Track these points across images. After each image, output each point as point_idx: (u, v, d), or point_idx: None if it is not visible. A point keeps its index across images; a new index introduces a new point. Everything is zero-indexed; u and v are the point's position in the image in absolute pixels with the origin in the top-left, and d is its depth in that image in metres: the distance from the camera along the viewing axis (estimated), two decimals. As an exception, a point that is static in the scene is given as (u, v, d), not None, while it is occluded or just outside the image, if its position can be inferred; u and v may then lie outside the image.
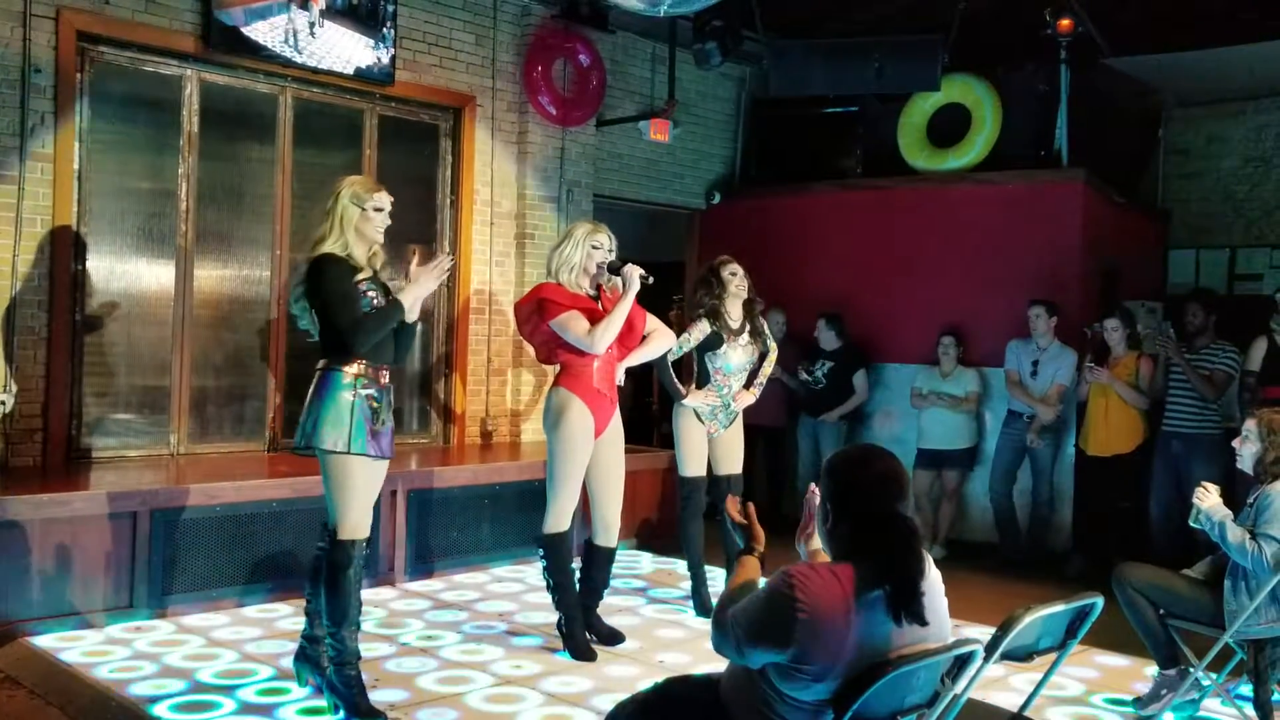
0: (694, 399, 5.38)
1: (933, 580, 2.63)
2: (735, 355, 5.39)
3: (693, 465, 5.46)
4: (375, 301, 3.95)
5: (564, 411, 4.66)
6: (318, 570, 4.06)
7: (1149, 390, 6.61)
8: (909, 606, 2.42)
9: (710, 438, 5.47)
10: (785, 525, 3.72)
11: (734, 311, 5.41)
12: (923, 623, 2.44)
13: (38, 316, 5.68)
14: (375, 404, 3.96)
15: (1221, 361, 6.37)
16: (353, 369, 3.91)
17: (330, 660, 3.98)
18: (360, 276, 3.95)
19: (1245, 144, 8.82)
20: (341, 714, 3.92)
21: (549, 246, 7.52)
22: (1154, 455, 6.57)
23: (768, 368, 5.58)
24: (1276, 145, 8.68)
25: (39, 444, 5.69)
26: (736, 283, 5.39)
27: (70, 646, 4.66)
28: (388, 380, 4.04)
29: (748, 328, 5.42)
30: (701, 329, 5.34)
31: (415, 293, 3.98)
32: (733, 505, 2.94)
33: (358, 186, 4.01)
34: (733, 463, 5.52)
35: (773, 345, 5.60)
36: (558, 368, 4.80)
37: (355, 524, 3.94)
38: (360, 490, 3.95)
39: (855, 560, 2.48)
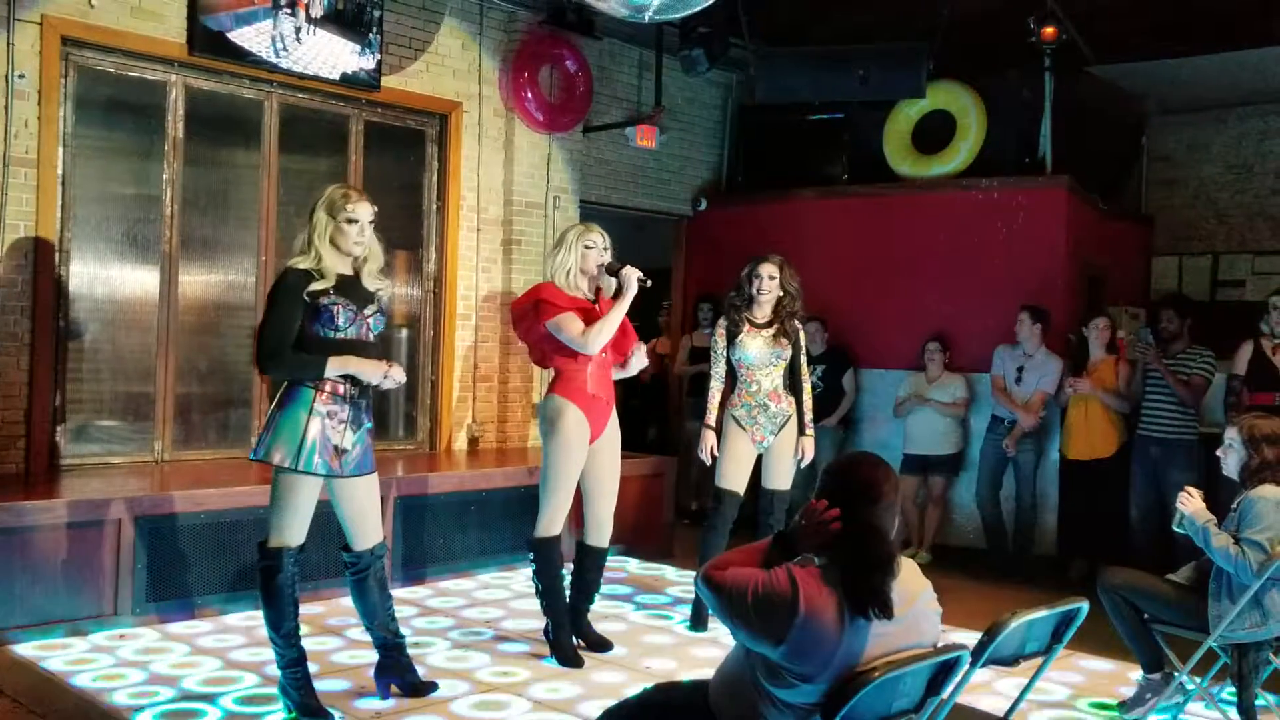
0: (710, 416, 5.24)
1: (919, 589, 2.64)
2: (753, 346, 5.16)
3: (729, 477, 5.21)
4: (341, 318, 3.84)
5: (559, 418, 4.65)
6: (358, 581, 4.10)
7: (1127, 393, 6.65)
8: (873, 600, 2.44)
9: (761, 449, 5.25)
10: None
11: (764, 308, 5.22)
12: (889, 615, 2.46)
13: (21, 323, 5.65)
14: (341, 421, 3.88)
15: (1199, 366, 6.40)
16: (317, 384, 3.85)
17: (277, 665, 4.00)
18: (318, 286, 3.82)
19: (1227, 151, 8.87)
20: (294, 714, 3.94)
21: (540, 253, 7.63)
22: (1131, 460, 6.60)
23: (809, 400, 5.31)
24: (1258, 152, 8.74)
25: (21, 451, 5.65)
26: (764, 283, 5.17)
27: (53, 655, 4.63)
28: (357, 395, 3.94)
29: (775, 326, 5.21)
30: (719, 329, 5.27)
31: (351, 367, 3.87)
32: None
33: (335, 196, 3.92)
34: (780, 478, 5.28)
35: (803, 362, 5.27)
36: (551, 373, 4.79)
37: (286, 535, 3.90)
38: (299, 507, 3.89)
39: (832, 559, 2.52)
